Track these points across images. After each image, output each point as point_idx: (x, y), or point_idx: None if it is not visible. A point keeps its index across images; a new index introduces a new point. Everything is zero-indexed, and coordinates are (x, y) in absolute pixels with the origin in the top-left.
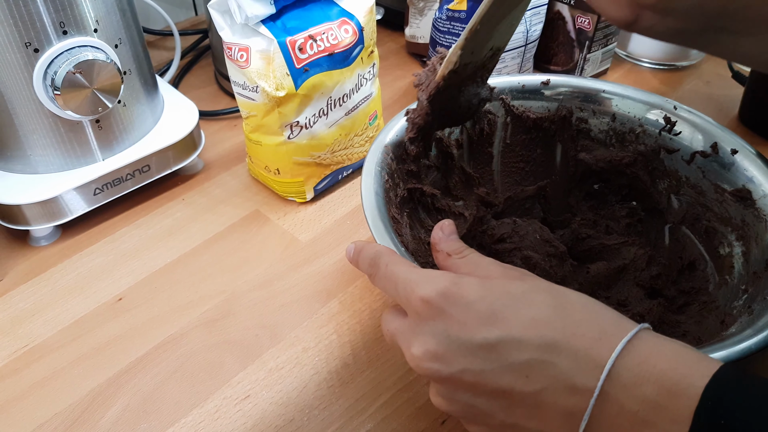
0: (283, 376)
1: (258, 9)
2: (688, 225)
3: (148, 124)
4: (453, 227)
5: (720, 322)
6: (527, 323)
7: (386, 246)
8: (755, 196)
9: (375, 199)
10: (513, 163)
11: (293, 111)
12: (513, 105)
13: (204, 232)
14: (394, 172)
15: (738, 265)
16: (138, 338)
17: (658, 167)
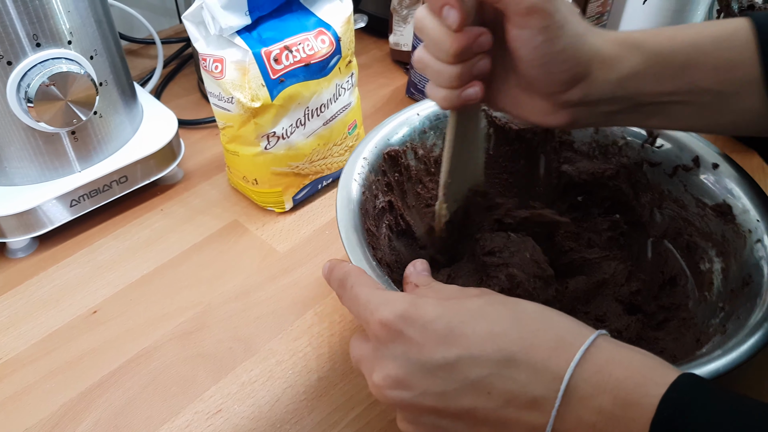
0: (256, 389)
1: (233, 20)
2: (670, 239)
3: (127, 135)
4: (426, 265)
5: (696, 340)
6: (484, 337)
7: (357, 266)
8: (735, 211)
9: (350, 213)
10: (496, 174)
11: (269, 122)
12: (495, 116)
13: (182, 243)
14: (372, 183)
15: (717, 282)
16: (111, 351)
17: (641, 180)
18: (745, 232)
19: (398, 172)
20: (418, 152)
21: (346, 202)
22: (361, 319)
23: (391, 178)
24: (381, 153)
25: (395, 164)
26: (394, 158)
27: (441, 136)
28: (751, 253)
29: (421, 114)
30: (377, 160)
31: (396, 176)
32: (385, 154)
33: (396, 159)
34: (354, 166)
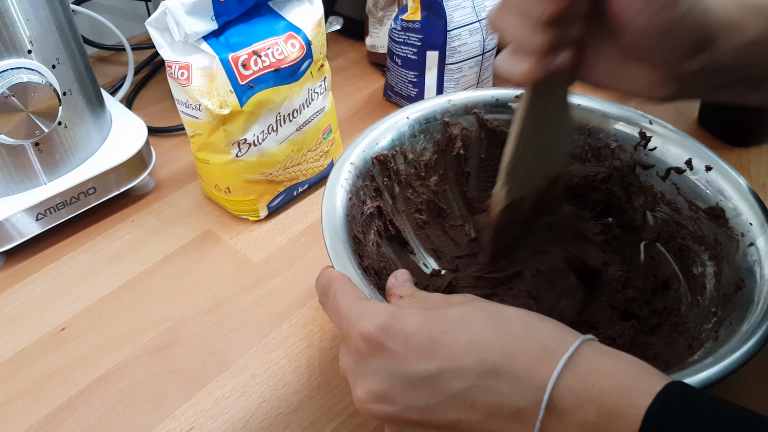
0: (230, 405)
1: (198, 26)
2: (663, 243)
3: (94, 144)
4: (407, 275)
5: (688, 346)
6: (466, 348)
7: (341, 272)
8: (728, 214)
9: (335, 220)
10: (488, 177)
11: (239, 128)
12: (486, 119)
13: (153, 255)
14: (359, 189)
15: (710, 286)
16: (80, 370)
17: (634, 183)
18: (737, 235)
19: (387, 176)
20: (408, 156)
21: (331, 209)
22: (343, 331)
23: (380, 182)
24: (369, 158)
25: (384, 168)
26: (383, 162)
27: (431, 140)
28: (744, 258)
29: (410, 117)
30: (365, 165)
31: (385, 181)
32: (374, 158)
33: (385, 163)
34: (340, 171)
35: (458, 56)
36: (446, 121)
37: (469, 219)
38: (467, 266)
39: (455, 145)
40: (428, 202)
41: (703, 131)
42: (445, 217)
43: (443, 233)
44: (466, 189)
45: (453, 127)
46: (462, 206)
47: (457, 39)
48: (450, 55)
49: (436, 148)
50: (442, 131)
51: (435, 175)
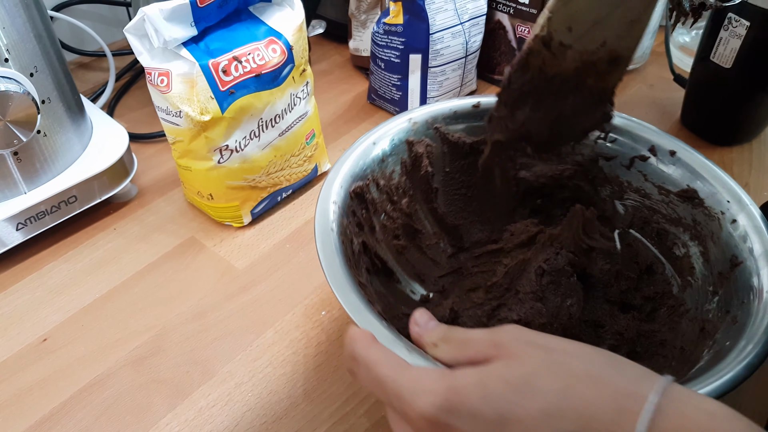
0: (214, 414)
1: (177, 32)
2: (638, 229)
3: (75, 152)
4: (426, 314)
5: (700, 330)
6: (540, 420)
7: (364, 332)
8: (701, 194)
9: (336, 269)
10: (454, 190)
11: (221, 135)
12: (447, 133)
13: (136, 263)
14: (346, 228)
15: (698, 266)
16: (63, 381)
17: (599, 175)
18: (717, 213)
19: (365, 208)
20: (380, 183)
21: (331, 259)
22: (394, 407)
23: (360, 216)
24: (347, 192)
25: (362, 201)
26: (360, 195)
27: (398, 162)
28: (730, 235)
29: (377, 143)
30: (345, 201)
31: (363, 213)
32: (351, 192)
33: (362, 195)
34: (327, 214)
35: (441, 59)
36: (410, 141)
37: (443, 236)
38: (452, 285)
39: (422, 164)
40: (403, 226)
41: (686, 131)
42: (420, 237)
43: (421, 254)
44: (436, 205)
45: (417, 146)
46: (434, 223)
47: (440, 42)
48: (433, 58)
49: (404, 170)
50: (408, 151)
51: (405, 197)
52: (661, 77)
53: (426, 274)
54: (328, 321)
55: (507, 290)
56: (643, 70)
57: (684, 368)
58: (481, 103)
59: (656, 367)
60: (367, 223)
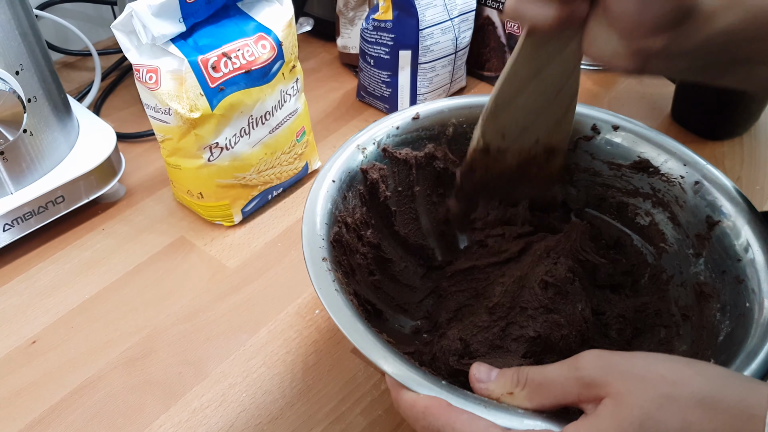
0: (208, 416)
1: (166, 28)
2: (594, 206)
3: (62, 152)
4: (484, 366)
5: (698, 294)
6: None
7: (433, 398)
8: (655, 163)
9: (352, 322)
10: (409, 210)
11: (211, 132)
12: (395, 152)
13: (125, 264)
14: (340, 282)
15: (668, 231)
16: (53, 384)
17: None
18: (676, 178)
19: (344, 254)
20: (347, 221)
21: (339, 311)
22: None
23: (345, 265)
24: (329, 243)
25: (341, 247)
26: (339, 241)
27: (357, 194)
28: (695, 197)
29: (335, 180)
30: (330, 253)
31: (344, 259)
32: (331, 241)
33: (340, 241)
34: (321, 272)
35: (431, 55)
36: (363, 169)
37: (410, 258)
38: (435, 307)
39: (379, 190)
40: (375, 259)
41: (677, 125)
42: (391, 266)
43: (396, 284)
44: (397, 228)
45: (371, 172)
46: (397, 247)
47: (430, 38)
48: (423, 54)
49: (362, 201)
50: (363, 180)
51: (369, 228)
52: None
53: (406, 302)
54: (322, 320)
55: (511, 309)
56: None
57: (702, 336)
58: (420, 114)
59: (663, 339)
60: (350, 268)
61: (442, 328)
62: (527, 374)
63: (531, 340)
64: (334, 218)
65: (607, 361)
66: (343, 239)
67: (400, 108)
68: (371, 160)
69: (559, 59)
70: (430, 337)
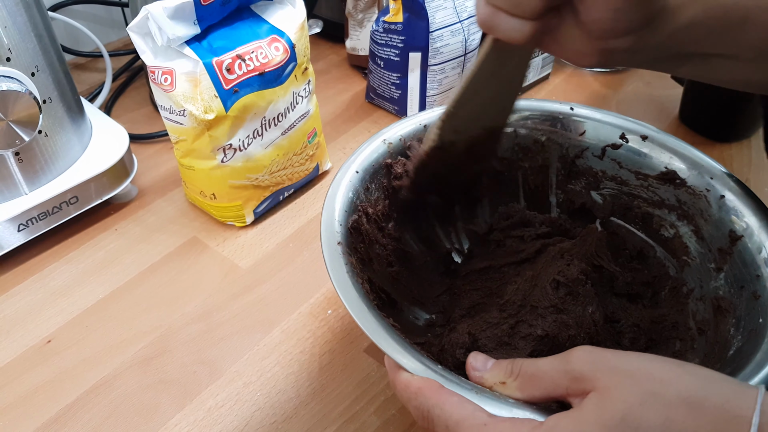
0: (223, 414)
1: (181, 30)
2: (620, 216)
3: (75, 153)
4: (481, 356)
5: (715, 309)
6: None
7: (427, 380)
8: (682, 175)
9: (366, 313)
10: None
11: (225, 134)
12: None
13: (138, 264)
14: (354, 268)
15: (692, 244)
16: (68, 382)
17: (572, 169)
18: (702, 191)
19: (362, 242)
20: (369, 212)
21: (356, 303)
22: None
23: (361, 252)
24: (347, 229)
25: (359, 234)
26: (357, 228)
27: (380, 187)
28: (720, 211)
29: (360, 171)
30: (347, 238)
31: (362, 247)
32: (350, 228)
33: (358, 229)
34: (337, 262)
35: (441, 57)
36: (388, 163)
37: (428, 254)
38: (450, 304)
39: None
40: (395, 251)
41: (685, 127)
42: (411, 260)
43: (415, 277)
44: (418, 223)
45: (396, 167)
46: (418, 242)
47: (440, 40)
48: (432, 56)
49: (386, 194)
50: (387, 175)
51: (391, 221)
52: (658, 75)
53: (424, 296)
54: (335, 319)
55: (521, 307)
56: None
57: (714, 350)
58: None
59: (677, 351)
60: (367, 257)
61: (454, 323)
62: (521, 365)
63: (538, 338)
64: (354, 206)
65: (598, 356)
66: (362, 228)
67: (409, 110)
68: (396, 156)
69: (516, 59)
70: (441, 330)
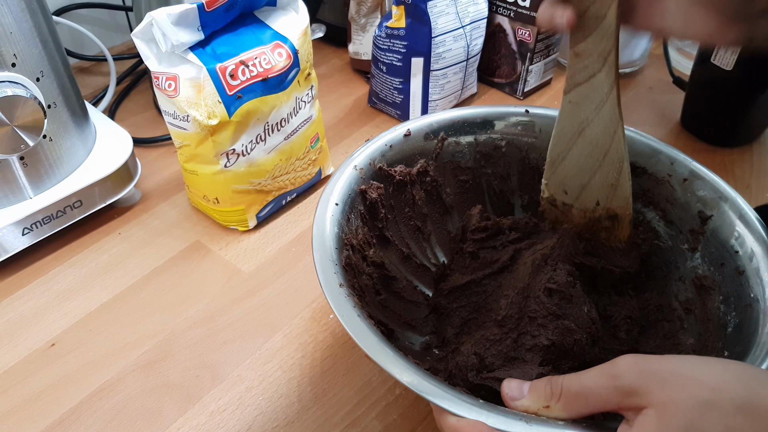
0: (225, 419)
1: (185, 36)
2: None
3: (79, 157)
4: (515, 382)
5: (698, 287)
6: None
7: (472, 423)
8: (641, 164)
9: (381, 347)
10: (404, 219)
11: (228, 139)
12: (389, 169)
13: (142, 268)
14: (360, 308)
15: (661, 228)
16: (72, 386)
17: (533, 171)
18: (664, 177)
19: (354, 276)
20: (353, 243)
21: (366, 337)
22: None
23: (356, 286)
24: (342, 267)
25: (351, 270)
26: (349, 265)
27: (358, 215)
28: (686, 193)
29: (339, 203)
30: (345, 278)
31: (355, 282)
32: (344, 266)
33: (350, 264)
34: (346, 307)
35: (443, 62)
36: (362, 189)
37: (408, 274)
38: (441, 323)
39: (378, 210)
40: (379, 278)
41: (687, 133)
42: (394, 283)
43: (401, 301)
44: (395, 243)
45: (370, 192)
46: (398, 263)
47: (442, 45)
48: (435, 62)
49: (363, 221)
50: (362, 201)
51: (372, 248)
52: (660, 79)
53: (413, 318)
54: (336, 324)
55: (519, 319)
56: (641, 73)
57: (708, 329)
58: (411, 130)
59: (667, 333)
60: (360, 291)
61: (451, 343)
62: (561, 385)
63: (545, 348)
64: (342, 242)
65: (645, 367)
66: (352, 262)
67: (412, 114)
68: (368, 180)
69: (597, 119)
70: (441, 353)
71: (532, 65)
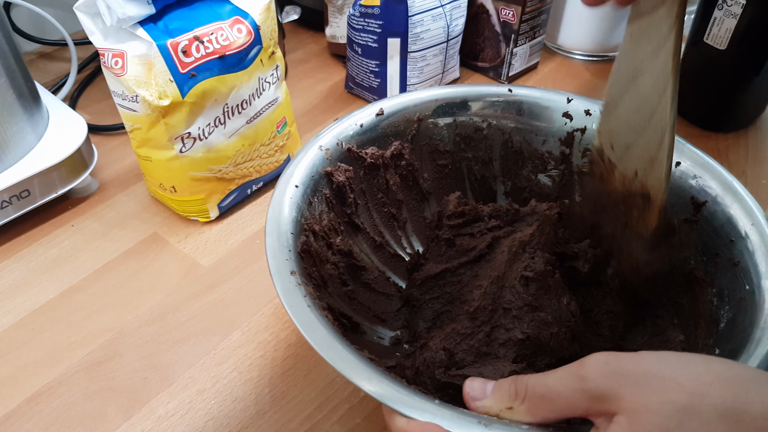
0: (174, 424)
1: (133, 9)
2: (570, 196)
3: (28, 144)
4: (478, 381)
5: (688, 280)
6: None
7: (424, 425)
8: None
9: (338, 348)
10: (378, 209)
11: (182, 121)
12: (360, 151)
13: (94, 262)
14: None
15: None
16: (8, 390)
17: (517, 155)
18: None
19: (314, 265)
20: (315, 229)
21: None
22: None
23: (315, 276)
24: (297, 254)
25: (309, 258)
26: (307, 252)
27: (323, 199)
28: (678, 179)
29: (299, 185)
30: (299, 266)
31: (314, 270)
32: (300, 252)
33: (308, 251)
34: (295, 296)
35: (421, 43)
36: (328, 171)
37: (381, 264)
38: (413, 317)
39: (347, 194)
40: (347, 268)
41: (680, 118)
42: (364, 273)
43: (371, 292)
44: (367, 231)
45: (337, 174)
46: (370, 253)
47: (420, 25)
48: (412, 42)
49: (329, 206)
50: (328, 184)
51: (339, 235)
52: None
53: (384, 312)
54: None
55: (493, 311)
56: None
57: (699, 324)
58: (384, 109)
59: (657, 330)
60: (320, 280)
61: (422, 338)
62: (526, 385)
63: (520, 342)
64: (300, 227)
65: (616, 368)
66: (311, 249)
67: None
68: (335, 162)
69: (651, 68)
70: (411, 349)
71: (517, 47)
